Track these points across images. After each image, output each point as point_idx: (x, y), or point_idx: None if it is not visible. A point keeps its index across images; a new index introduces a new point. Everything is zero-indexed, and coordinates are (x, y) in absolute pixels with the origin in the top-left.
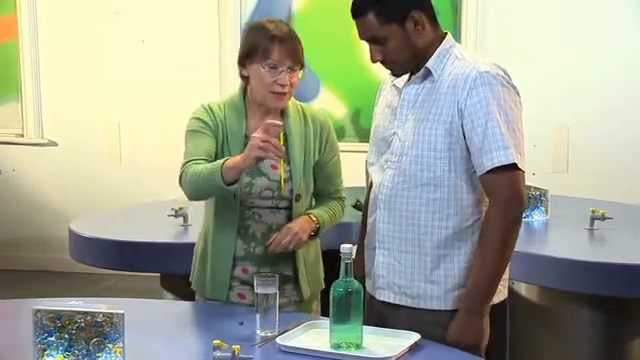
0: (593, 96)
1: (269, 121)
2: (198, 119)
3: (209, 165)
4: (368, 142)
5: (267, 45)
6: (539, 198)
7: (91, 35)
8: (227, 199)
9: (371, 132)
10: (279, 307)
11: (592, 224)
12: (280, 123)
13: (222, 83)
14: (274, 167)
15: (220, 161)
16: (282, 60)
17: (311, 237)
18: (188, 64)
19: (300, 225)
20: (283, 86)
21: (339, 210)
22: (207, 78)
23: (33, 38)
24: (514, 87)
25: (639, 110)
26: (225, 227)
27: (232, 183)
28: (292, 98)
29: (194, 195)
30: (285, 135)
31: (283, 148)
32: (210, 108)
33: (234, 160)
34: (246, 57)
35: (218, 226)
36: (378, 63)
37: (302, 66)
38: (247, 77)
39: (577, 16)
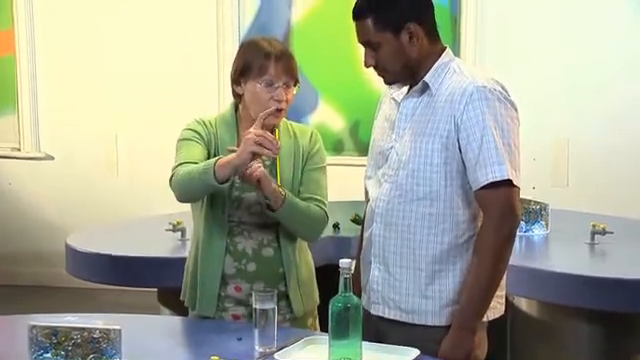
0: (593, 107)
1: (262, 113)
2: (191, 129)
3: (201, 164)
4: (367, 156)
5: (263, 62)
6: (539, 212)
7: (88, 49)
8: (216, 213)
9: (370, 146)
10: None
11: (593, 238)
12: (273, 109)
13: (221, 96)
14: None
15: (213, 159)
16: (278, 76)
17: (268, 207)
18: (186, 77)
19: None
20: (280, 102)
21: (316, 209)
22: (205, 91)
23: (30, 52)
24: (511, 102)
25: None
26: (214, 242)
27: (224, 182)
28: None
29: (184, 195)
30: (278, 131)
31: (279, 144)
32: (203, 121)
33: (228, 157)
34: (241, 75)
35: (206, 242)
36: (373, 71)
37: (297, 82)
38: (241, 95)
39: (576, 26)
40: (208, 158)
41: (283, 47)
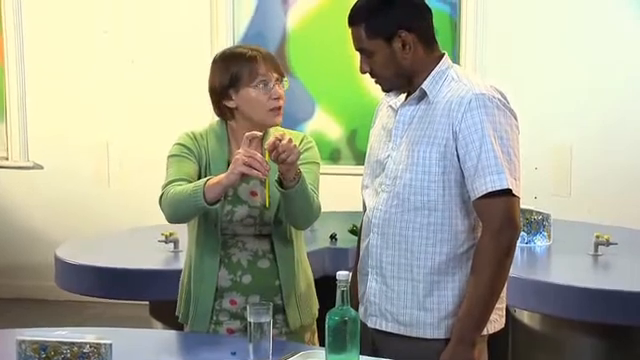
0: (596, 115)
1: (248, 133)
2: (181, 145)
3: (191, 185)
4: (364, 165)
5: (251, 66)
6: (541, 223)
7: (78, 56)
8: (208, 227)
9: (366, 154)
10: None
11: (596, 250)
12: (260, 134)
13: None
14: (253, 194)
15: (202, 180)
16: (270, 73)
17: (285, 184)
18: (179, 85)
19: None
20: (278, 99)
21: (316, 198)
22: (198, 100)
23: (19, 59)
24: (511, 110)
25: None
26: (207, 256)
27: (214, 203)
28: None
29: (174, 216)
30: (268, 152)
31: (268, 165)
32: (193, 135)
33: (217, 178)
34: (230, 87)
35: (200, 255)
36: (371, 79)
37: (283, 76)
38: (232, 109)
39: (578, 32)
40: (199, 172)
41: (261, 48)
